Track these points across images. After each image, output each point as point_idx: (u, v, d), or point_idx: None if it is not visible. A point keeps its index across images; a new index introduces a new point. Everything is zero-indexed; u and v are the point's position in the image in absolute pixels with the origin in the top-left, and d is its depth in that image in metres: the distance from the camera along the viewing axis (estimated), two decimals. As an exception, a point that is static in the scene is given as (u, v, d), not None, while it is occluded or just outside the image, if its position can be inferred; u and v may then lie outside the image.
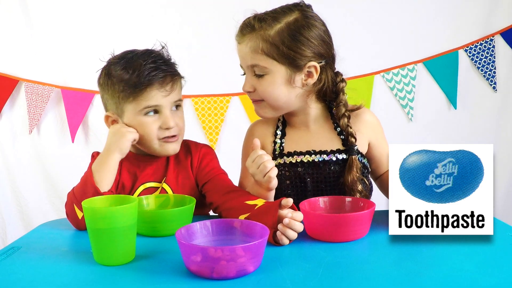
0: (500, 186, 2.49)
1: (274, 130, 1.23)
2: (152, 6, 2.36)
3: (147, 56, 1.13)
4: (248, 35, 1.12)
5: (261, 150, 1.04)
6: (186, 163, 1.21)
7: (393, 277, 0.76)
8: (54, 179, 2.42)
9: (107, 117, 1.17)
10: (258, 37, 1.10)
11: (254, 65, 1.11)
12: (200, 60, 2.31)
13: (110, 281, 0.79)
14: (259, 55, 1.10)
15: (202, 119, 2.37)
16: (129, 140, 1.10)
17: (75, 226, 1.07)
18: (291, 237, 0.91)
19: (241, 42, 1.13)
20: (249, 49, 1.11)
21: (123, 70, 1.11)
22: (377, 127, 1.23)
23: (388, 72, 2.41)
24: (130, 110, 1.12)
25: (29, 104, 2.35)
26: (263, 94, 1.13)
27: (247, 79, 1.15)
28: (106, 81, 1.14)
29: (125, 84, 1.10)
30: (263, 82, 1.12)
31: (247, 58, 1.12)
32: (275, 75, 1.11)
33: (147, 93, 1.10)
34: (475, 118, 2.45)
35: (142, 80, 1.09)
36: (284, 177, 1.17)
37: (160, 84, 1.11)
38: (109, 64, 1.15)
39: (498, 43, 2.40)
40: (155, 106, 1.12)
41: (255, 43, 1.10)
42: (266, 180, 1.02)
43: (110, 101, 1.15)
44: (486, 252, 0.86)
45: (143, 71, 1.09)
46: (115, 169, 1.09)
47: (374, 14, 2.37)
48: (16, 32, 2.35)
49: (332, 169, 1.16)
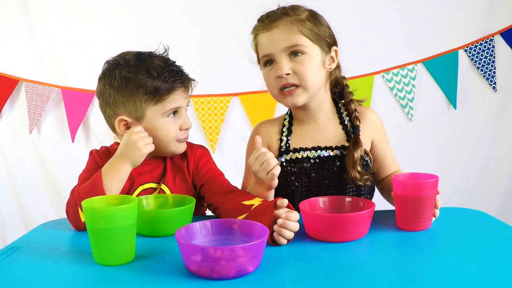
0: (500, 186, 2.50)
1: (280, 129, 1.24)
2: (153, 7, 2.36)
3: (160, 59, 1.14)
4: (280, 20, 1.13)
5: (264, 148, 1.04)
6: (182, 165, 1.22)
7: (393, 277, 0.76)
8: (54, 179, 2.43)
9: (120, 120, 1.13)
10: (293, 20, 1.13)
11: (294, 45, 1.12)
12: (200, 60, 2.31)
13: (110, 281, 0.79)
14: (298, 35, 1.12)
15: (202, 119, 2.37)
16: (144, 155, 1.09)
17: (74, 226, 1.07)
18: (288, 236, 0.91)
19: (271, 28, 1.13)
20: (285, 32, 1.12)
21: (146, 74, 1.10)
22: (380, 127, 1.25)
23: (388, 72, 2.41)
24: (153, 113, 1.12)
25: (29, 104, 2.35)
26: (303, 74, 1.12)
27: (283, 63, 1.13)
28: (123, 84, 1.11)
29: (153, 88, 1.10)
30: (302, 62, 1.13)
31: (283, 41, 1.12)
32: (313, 55, 1.13)
33: (173, 96, 1.13)
34: (475, 118, 2.46)
35: (168, 83, 1.11)
36: (290, 173, 1.19)
37: (184, 86, 1.15)
38: (119, 66, 1.13)
39: (498, 43, 2.40)
40: (177, 108, 1.15)
41: (292, 24, 1.12)
42: (269, 177, 1.03)
43: (127, 104, 1.12)
44: (486, 252, 0.86)
45: (166, 74, 1.11)
46: (125, 178, 1.09)
47: (374, 14, 2.37)
48: (16, 32, 2.35)
49: (338, 164, 1.17)
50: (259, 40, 1.16)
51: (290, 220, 0.91)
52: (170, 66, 1.14)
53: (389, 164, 1.24)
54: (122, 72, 1.11)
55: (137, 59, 1.13)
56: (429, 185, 0.98)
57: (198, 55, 2.32)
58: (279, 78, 1.13)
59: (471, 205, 1.35)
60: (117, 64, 1.13)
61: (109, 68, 1.14)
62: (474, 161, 2.49)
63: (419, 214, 0.98)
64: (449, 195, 2.44)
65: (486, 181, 2.49)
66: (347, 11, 2.33)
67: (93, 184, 1.05)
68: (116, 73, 1.12)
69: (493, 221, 1.07)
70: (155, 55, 1.16)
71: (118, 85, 1.11)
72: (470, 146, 2.47)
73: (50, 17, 2.35)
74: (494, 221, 1.06)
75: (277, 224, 0.91)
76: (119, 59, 1.15)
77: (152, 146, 1.10)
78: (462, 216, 1.11)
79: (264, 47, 1.15)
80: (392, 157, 1.25)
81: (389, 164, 1.24)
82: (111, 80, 1.12)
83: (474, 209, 1.16)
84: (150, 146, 1.10)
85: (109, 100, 1.14)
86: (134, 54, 1.15)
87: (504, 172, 2.49)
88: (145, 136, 1.10)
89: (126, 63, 1.12)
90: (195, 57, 2.31)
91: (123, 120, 1.13)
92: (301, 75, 1.12)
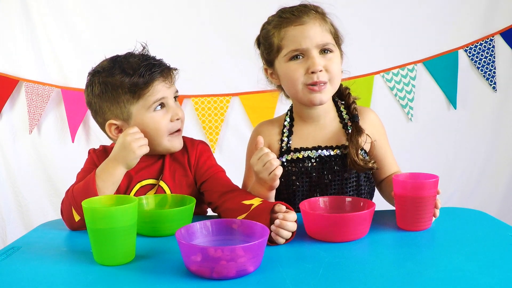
0: (500, 186, 2.50)
1: (280, 129, 1.25)
2: (153, 7, 2.36)
3: (137, 56, 1.15)
4: (310, 15, 1.14)
5: (266, 148, 1.04)
6: (183, 160, 1.21)
7: (393, 277, 0.76)
8: (54, 179, 2.43)
9: (110, 125, 1.15)
10: (323, 19, 1.15)
11: (326, 43, 1.13)
12: (200, 60, 2.31)
13: (110, 281, 0.79)
14: (328, 34, 1.14)
15: (202, 119, 2.37)
16: (138, 157, 1.08)
17: (68, 226, 1.07)
18: (285, 236, 0.92)
19: (303, 22, 1.13)
20: (320, 29, 1.13)
21: (122, 74, 1.11)
22: (380, 128, 1.26)
23: (388, 72, 2.41)
24: (138, 110, 1.13)
25: (29, 104, 2.35)
26: (334, 71, 1.14)
27: (316, 59, 1.12)
28: (103, 89, 1.13)
29: (130, 85, 1.11)
30: (332, 60, 1.14)
31: (317, 37, 1.12)
32: (337, 54, 1.16)
33: (153, 88, 1.13)
34: (474, 118, 2.45)
35: (145, 77, 1.11)
36: (291, 173, 1.19)
37: (163, 77, 1.15)
38: (97, 74, 1.15)
39: (498, 43, 2.40)
40: (162, 99, 1.15)
41: (324, 23, 1.14)
42: (271, 178, 1.02)
43: (111, 108, 1.13)
44: (486, 252, 0.86)
45: (142, 69, 1.11)
46: (119, 180, 1.08)
47: (374, 14, 2.37)
48: (16, 32, 2.35)
49: (339, 163, 1.17)
50: (286, 33, 1.13)
51: (288, 221, 0.92)
52: (146, 60, 1.14)
53: (388, 165, 1.24)
54: (100, 78, 1.14)
55: (112, 62, 1.15)
56: (429, 185, 0.98)
57: (198, 55, 2.32)
58: (312, 74, 1.12)
59: (471, 205, 1.35)
60: (95, 72, 1.16)
61: (90, 78, 1.17)
62: (474, 161, 2.49)
63: (419, 214, 0.98)
64: (449, 195, 2.44)
65: (486, 181, 2.49)
66: (347, 11, 2.32)
67: (86, 185, 1.05)
68: (95, 81, 1.14)
69: (493, 221, 1.07)
70: (132, 54, 1.17)
71: (99, 92, 1.13)
72: (470, 146, 2.47)
73: (50, 17, 2.35)
74: (494, 221, 1.06)
75: (274, 224, 0.92)
76: (97, 67, 1.17)
77: (147, 148, 1.09)
78: (462, 216, 1.11)
79: (295, 40, 1.13)
80: (392, 158, 1.25)
81: (388, 165, 1.24)
82: (93, 89, 1.15)
83: (474, 209, 1.16)
84: (145, 147, 1.09)
85: (96, 109, 1.16)
86: (109, 59, 1.17)
87: (504, 172, 2.49)
88: (140, 138, 1.09)
89: (103, 69, 1.15)
90: (195, 57, 2.31)
91: (113, 124, 1.15)
92: (331, 72, 1.13)
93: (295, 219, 0.94)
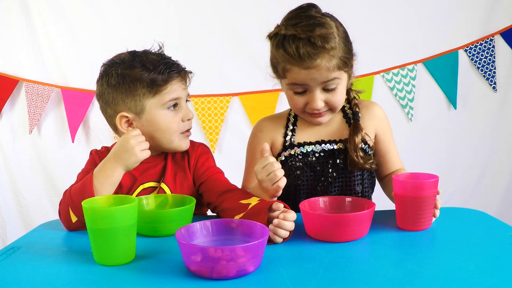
0: (500, 186, 2.50)
1: (285, 124, 1.25)
2: (152, 7, 2.36)
3: (156, 54, 1.17)
4: (322, 55, 1.07)
5: (271, 157, 1.01)
6: (183, 163, 1.22)
7: (393, 277, 0.76)
8: (54, 179, 2.43)
9: (121, 117, 1.14)
10: (329, 56, 1.07)
11: (330, 80, 1.10)
12: (200, 60, 2.31)
13: (110, 281, 0.79)
14: (335, 70, 1.09)
15: (202, 119, 2.37)
16: (139, 161, 1.08)
17: (65, 226, 1.07)
18: (283, 235, 0.92)
19: (312, 66, 1.07)
20: (326, 67, 1.08)
21: (142, 68, 1.12)
22: (384, 122, 1.26)
23: (388, 72, 2.41)
24: (152, 105, 1.14)
25: (29, 104, 2.35)
26: (336, 104, 1.14)
27: (317, 97, 1.11)
28: (120, 81, 1.12)
29: (149, 80, 1.12)
30: (335, 93, 1.13)
31: (321, 77, 1.09)
32: (343, 83, 1.14)
33: (171, 86, 1.14)
34: (475, 118, 2.45)
35: (164, 74, 1.13)
36: (295, 168, 1.19)
37: (181, 77, 1.16)
38: (115, 65, 1.14)
39: (498, 43, 2.40)
40: (176, 99, 1.16)
41: (330, 60, 1.07)
42: (274, 189, 1.01)
43: (126, 100, 1.13)
44: (486, 252, 0.86)
45: (162, 66, 1.13)
46: (117, 182, 1.08)
47: (374, 14, 2.37)
48: (16, 32, 2.35)
49: (342, 157, 1.18)
50: (292, 70, 1.10)
51: (286, 220, 0.92)
52: (165, 59, 1.16)
53: (392, 160, 1.24)
54: (118, 69, 1.13)
55: (132, 56, 1.16)
56: (429, 185, 0.98)
57: (198, 55, 2.32)
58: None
59: (471, 205, 1.35)
60: (113, 63, 1.16)
61: (106, 69, 1.16)
62: (474, 161, 2.49)
63: (419, 214, 0.98)
64: (449, 195, 2.44)
65: (486, 181, 2.49)
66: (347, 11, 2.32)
67: (83, 185, 1.05)
68: (113, 72, 1.14)
69: (493, 221, 1.07)
70: (150, 52, 1.18)
71: (116, 83, 1.13)
72: (470, 146, 2.47)
73: (50, 17, 2.35)
74: (494, 221, 1.06)
75: (273, 224, 0.92)
76: (114, 58, 1.17)
77: (148, 152, 1.09)
78: (462, 216, 1.11)
79: (299, 79, 1.10)
80: (395, 154, 1.25)
81: (392, 161, 1.24)
82: (108, 79, 1.14)
83: (474, 209, 1.16)
84: (147, 152, 1.09)
85: (108, 100, 1.15)
86: (128, 53, 1.18)
87: (504, 172, 2.49)
88: (142, 141, 1.09)
89: (122, 61, 1.15)
90: (195, 57, 2.30)
91: (124, 117, 1.14)
92: (332, 104, 1.14)
93: (294, 218, 0.94)
